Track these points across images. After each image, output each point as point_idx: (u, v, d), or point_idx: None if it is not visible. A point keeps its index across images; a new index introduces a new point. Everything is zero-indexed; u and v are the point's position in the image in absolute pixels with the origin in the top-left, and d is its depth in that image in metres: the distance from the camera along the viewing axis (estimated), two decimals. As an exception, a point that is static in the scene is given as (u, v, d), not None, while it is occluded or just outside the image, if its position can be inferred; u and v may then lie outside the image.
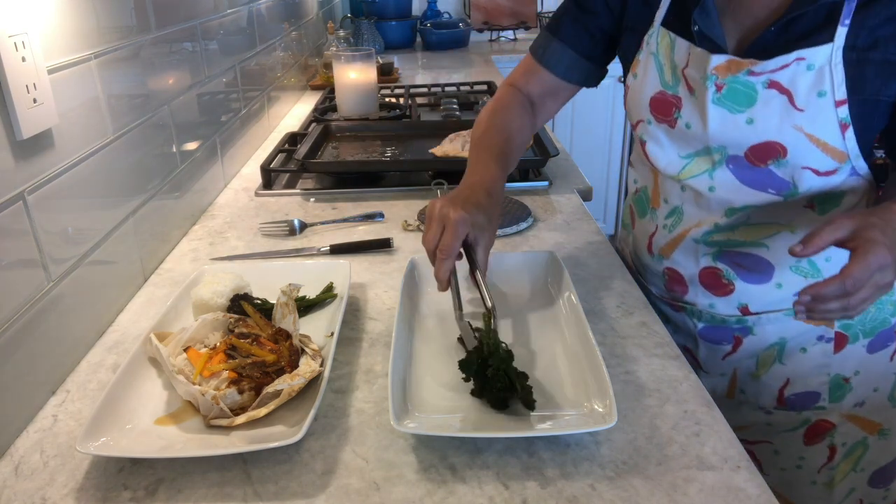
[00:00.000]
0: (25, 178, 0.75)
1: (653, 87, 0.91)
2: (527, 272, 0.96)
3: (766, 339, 0.95)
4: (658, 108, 0.90)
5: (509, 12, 3.33)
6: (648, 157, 0.94)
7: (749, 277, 0.93)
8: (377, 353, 0.84)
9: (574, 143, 3.14)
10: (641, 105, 0.92)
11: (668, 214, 0.97)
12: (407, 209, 1.26)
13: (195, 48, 1.28)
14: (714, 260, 0.94)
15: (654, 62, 0.90)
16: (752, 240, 0.90)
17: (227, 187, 1.43)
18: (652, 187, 1.00)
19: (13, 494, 0.64)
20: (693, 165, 0.89)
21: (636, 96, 0.94)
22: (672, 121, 0.89)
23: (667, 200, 0.97)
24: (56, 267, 0.80)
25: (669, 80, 0.89)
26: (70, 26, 0.85)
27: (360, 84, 1.82)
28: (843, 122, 0.79)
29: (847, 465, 1.00)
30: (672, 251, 0.97)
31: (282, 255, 1.09)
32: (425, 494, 0.62)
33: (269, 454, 0.67)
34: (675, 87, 0.88)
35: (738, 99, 0.81)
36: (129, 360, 0.76)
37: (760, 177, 0.85)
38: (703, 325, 0.99)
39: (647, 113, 0.92)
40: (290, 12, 2.13)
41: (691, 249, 0.95)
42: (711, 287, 0.96)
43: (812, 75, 0.78)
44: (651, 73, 0.91)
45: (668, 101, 0.89)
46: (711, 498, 0.61)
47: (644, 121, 0.93)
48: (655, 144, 0.92)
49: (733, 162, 0.85)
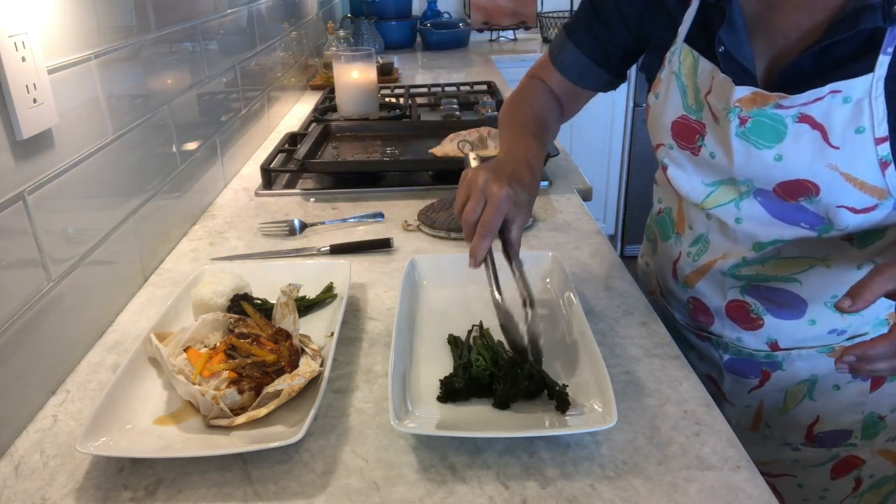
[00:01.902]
0: (25, 178, 0.75)
1: (675, 110, 0.84)
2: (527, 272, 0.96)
3: (796, 374, 0.90)
4: (680, 134, 0.84)
5: (509, 12, 3.33)
6: (671, 181, 0.88)
7: (780, 313, 0.87)
8: (377, 353, 0.84)
9: (574, 143, 3.15)
10: (663, 128, 0.86)
11: (693, 242, 0.91)
12: (407, 209, 1.26)
13: (195, 48, 1.28)
14: (742, 293, 0.88)
15: (676, 83, 0.84)
16: (783, 275, 0.84)
17: (227, 187, 1.43)
18: (676, 210, 0.93)
19: (13, 494, 0.64)
20: (718, 194, 0.83)
21: (657, 118, 0.87)
22: (696, 148, 0.82)
23: (692, 227, 0.90)
24: (56, 267, 0.80)
25: (693, 103, 0.82)
26: (70, 26, 0.85)
27: (360, 84, 1.82)
28: (884, 161, 0.71)
29: (874, 497, 0.95)
30: (697, 281, 0.92)
31: (282, 255, 1.09)
32: (425, 494, 0.62)
33: (269, 454, 0.67)
34: (699, 113, 0.81)
35: (765, 134, 0.74)
36: (129, 360, 0.76)
37: (791, 211, 0.78)
38: (729, 357, 0.94)
39: (668, 137, 0.86)
40: (290, 12, 2.13)
41: (718, 281, 0.89)
42: (739, 321, 0.90)
43: (849, 109, 0.70)
44: (673, 94, 0.84)
45: (691, 126, 0.82)
46: (711, 498, 0.61)
47: (665, 145, 0.87)
48: (678, 169, 0.86)
49: (761, 195, 0.79)
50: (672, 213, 0.95)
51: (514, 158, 0.82)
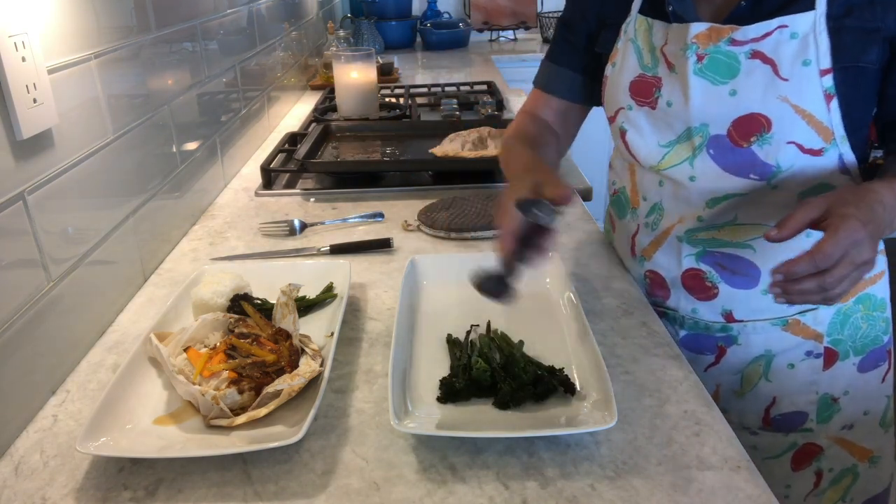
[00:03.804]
0: (25, 178, 0.75)
1: (632, 71, 0.89)
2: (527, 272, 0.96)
3: (751, 350, 0.92)
4: (638, 91, 0.89)
5: (509, 12, 3.33)
6: (629, 147, 0.92)
7: (734, 281, 0.89)
8: (377, 353, 0.84)
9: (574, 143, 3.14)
10: (621, 90, 0.91)
11: (648, 212, 0.94)
12: (407, 209, 1.26)
13: (195, 48, 1.28)
14: (697, 261, 0.91)
15: (632, 48, 0.90)
16: (737, 240, 0.87)
17: (227, 187, 1.43)
18: (630, 186, 0.98)
19: (13, 494, 0.64)
20: (673, 154, 0.87)
21: (616, 84, 0.92)
22: (653, 102, 0.87)
23: (645, 198, 0.94)
24: (56, 267, 0.80)
25: (648, 62, 0.87)
26: (70, 26, 0.85)
27: (360, 84, 1.82)
28: (828, 93, 0.77)
29: (835, 493, 0.97)
30: (654, 252, 0.95)
31: (282, 255, 1.09)
32: (425, 494, 0.62)
33: (269, 454, 0.67)
34: (654, 69, 0.87)
35: (721, 70, 0.80)
36: (129, 360, 0.76)
37: (742, 160, 0.82)
38: (685, 333, 0.96)
39: (626, 98, 0.90)
40: (290, 12, 2.13)
41: (674, 249, 0.92)
42: (694, 290, 0.92)
43: (796, 44, 0.76)
44: (630, 58, 0.90)
45: (647, 82, 0.87)
46: (711, 498, 0.61)
47: (624, 108, 0.91)
48: (635, 132, 0.90)
49: (715, 144, 0.83)
50: (626, 191, 0.99)
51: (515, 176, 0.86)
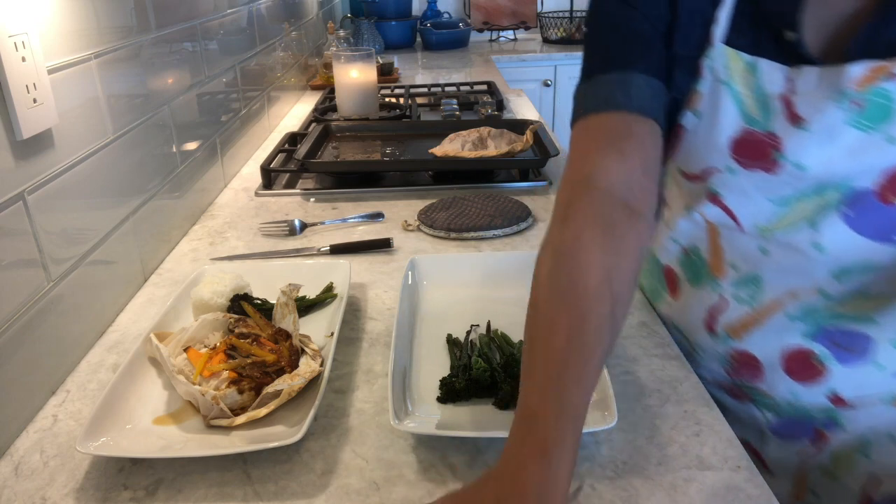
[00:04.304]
0: (25, 178, 0.75)
1: (731, 126, 0.69)
2: (527, 272, 0.96)
3: (854, 431, 0.76)
4: (745, 152, 0.69)
5: (509, 12, 3.33)
6: (727, 210, 0.73)
7: (847, 358, 0.72)
8: (377, 353, 0.84)
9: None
10: (714, 149, 0.71)
11: (740, 283, 0.75)
12: (407, 209, 1.26)
13: (195, 48, 1.28)
14: (808, 340, 0.73)
15: (727, 94, 0.69)
16: (862, 314, 0.70)
17: (227, 187, 1.43)
18: (709, 249, 0.77)
19: (13, 494, 0.64)
20: (792, 214, 0.69)
21: (705, 141, 0.71)
22: (770, 165, 0.68)
23: (736, 267, 0.75)
24: (56, 267, 0.80)
25: (757, 113, 0.68)
26: (70, 26, 0.85)
27: (360, 84, 1.82)
28: None
29: None
30: (748, 331, 0.76)
31: (282, 255, 1.09)
32: (425, 494, 0.62)
33: (269, 454, 0.67)
34: (768, 123, 0.67)
35: (875, 114, 0.63)
36: (129, 360, 0.76)
37: (886, 220, 0.66)
38: (777, 420, 0.79)
39: (724, 159, 0.71)
40: (290, 12, 2.13)
41: (777, 328, 0.74)
42: (798, 372, 0.75)
43: None
44: (725, 108, 0.69)
45: (759, 141, 0.68)
46: (711, 498, 0.61)
47: (720, 170, 0.72)
48: (738, 196, 0.71)
49: (855, 203, 0.66)
50: (702, 253, 0.79)
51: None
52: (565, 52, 3.03)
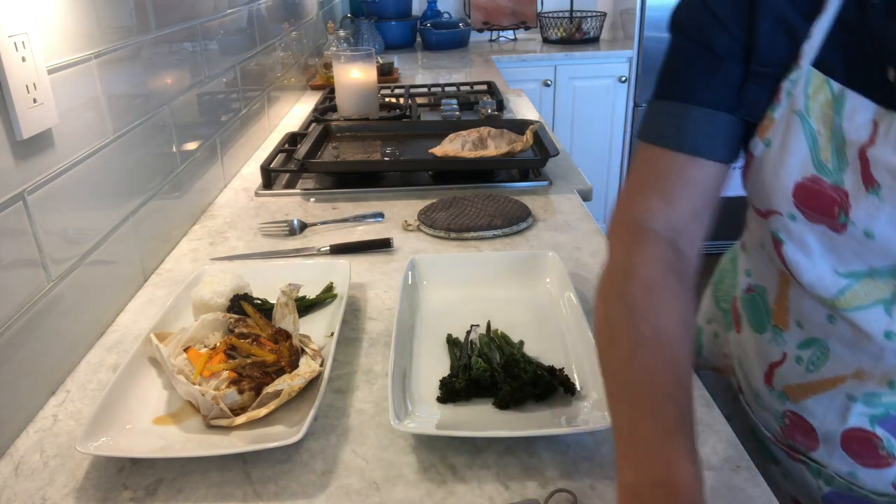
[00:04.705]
0: (25, 178, 0.75)
1: (799, 168, 0.59)
2: (527, 272, 0.96)
3: None
4: (808, 202, 0.60)
5: (509, 12, 3.33)
6: (785, 262, 0.64)
7: None
8: (377, 353, 0.84)
9: (574, 143, 3.15)
10: (778, 189, 0.61)
11: (803, 344, 0.67)
12: (407, 209, 1.26)
13: (195, 48, 1.28)
14: (872, 423, 0.66)
15: (801, 129, 0.59)
16: None
17: (227, 187, 1.43)
18: (776, 297, 0.69)
19: (13, 494, 0.64)
20: (860, 290, 0.60)
21: (770, 176, 0.61)
22: (835, 224, 0.59)
23: (801, 325, 0.67)
24: (56, 267, 0.80)
25: (829, 160, 0.57)
26: (70, 26, 0.85)
27: (360, 84, 1.82)
28: None
29: None
30: (806, 396, 0.69)
31: (282, 255, 1.09)
32: (425, 494, 0.62)
33: (269, 454, 0.67)
34: (839, 174, 0.57)
35: None
36: (129, 360, 0.76)
37: None
38: (831, 490, 0.72)
39: (787, 204, 0.61)
40: (290, 12, 2.13)
41: (839, 403, 0.66)
42: (859, 454, 0.68)
43: None
44: (796, 144, 0.59)
45: (825, 194, 0.58)
46: (712, 498, 0.61)
47: (781, 214, 0.62)
48: (798, 249, 0.62)
49: None
50: (767, 297, 0.70)
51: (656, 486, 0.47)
52: (565, 52, 3.03)
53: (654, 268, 0.59)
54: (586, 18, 3.21)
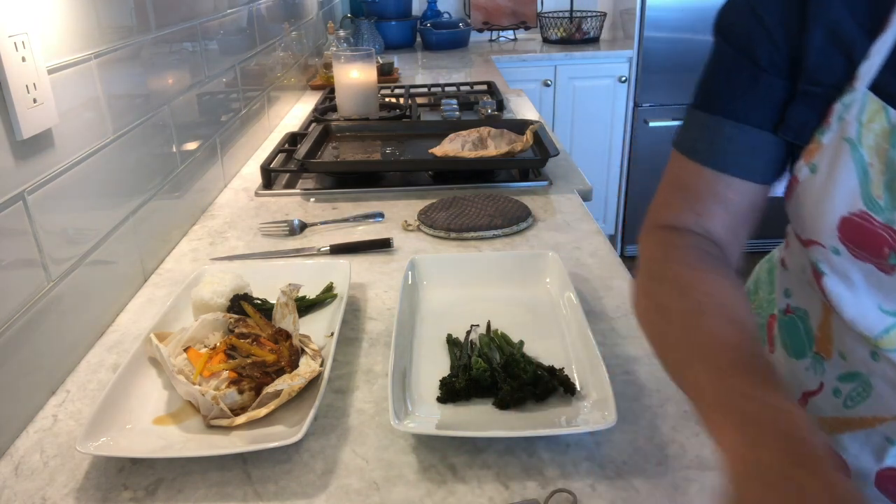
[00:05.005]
0: (25, 178, 0.75)
1: (845, 200, 0.54)
2: (527, 272, 0.96)
3: None
4: (855, 238, 0.55)
5: (509, 12, 3.33)
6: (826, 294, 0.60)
7: None
8: (377, 353, 0.84)
9: (574, 143, 3.15)
10: (820, 222, 0.56)
11: (844, 377, 0.63)
12: (407, 209, 1.26)
13: (195, 48, 1.28)
14: None
15: (851, 157, 0.53)
16: None
17: (227, 187, 1.43)
18: (819, 324, 0.65)
19: (13, 494, 0.64)
20: None
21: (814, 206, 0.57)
22: (883, 264, 0.54)
23: (844, 356, 0.63)
24: (56, 267, 0.80)
25: (880, 195, 0.52)
26: (70, 26, 0.85)
27: (360, 84, 1.82)
28: None
29: None
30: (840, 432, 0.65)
31: (282, 255, 1.09)
32: (425, 494, 0.62)
33: (269, 454, 0.67)
34: (892, 212, 0.52)
35: None
36: (129, 360, 0.76)
37: None
38: None
39: (831, 238, 0.56)
40: (290, 12, 2.13)
41: (876, 442, 0.62)
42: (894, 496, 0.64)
43: None
44: (845, 174, 0.54)
45: (874, 232, 0.53)
46: (712, 498, 0.61)
47: (823, 246, 0.57)
48: (841, 283, 0.58)
49: None
50: (809, 321, 0.66)
51: (787, 433, 0.42)
52: (565, 52, 3.03)
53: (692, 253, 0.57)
54: (586, 18, 3.21)
